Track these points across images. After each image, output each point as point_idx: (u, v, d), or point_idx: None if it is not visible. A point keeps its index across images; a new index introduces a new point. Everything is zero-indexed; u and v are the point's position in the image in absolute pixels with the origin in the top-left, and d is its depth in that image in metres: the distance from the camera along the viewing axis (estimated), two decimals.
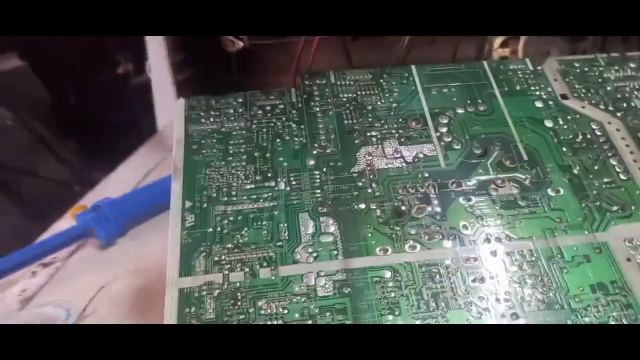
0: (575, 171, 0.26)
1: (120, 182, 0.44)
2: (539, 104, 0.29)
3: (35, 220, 0.42)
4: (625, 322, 0.22)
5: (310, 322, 0.22)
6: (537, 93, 0.29)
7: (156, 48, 0.45)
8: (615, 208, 0.25)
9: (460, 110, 0.28)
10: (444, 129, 0.28)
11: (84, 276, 0.35)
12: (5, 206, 0.68)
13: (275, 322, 0.22)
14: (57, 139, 0.69)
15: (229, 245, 0.24)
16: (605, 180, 0.26)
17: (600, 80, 0.30)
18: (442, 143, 0.27)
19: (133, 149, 0.49)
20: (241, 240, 0.24)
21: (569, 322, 0.22)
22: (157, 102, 0.50)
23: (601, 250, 0.23)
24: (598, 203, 0.25)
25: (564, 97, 0.29)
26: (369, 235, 0.24)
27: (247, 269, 0.23)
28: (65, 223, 0.39)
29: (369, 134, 0.28)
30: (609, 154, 0.27)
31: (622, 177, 0.26)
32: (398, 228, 0.24)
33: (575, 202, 0.25)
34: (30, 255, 0.35)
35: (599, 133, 0.27)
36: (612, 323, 0.21)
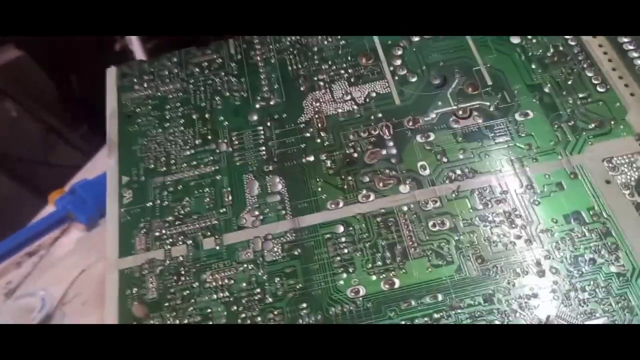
0: (546, 89, 0.23)
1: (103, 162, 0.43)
2: None
3: None
4: (604, 252, 0.19)
5: (258, 289, 0.20)
6: None
7: None
8: (592, 126, 0.22)
9: (415, 38, 0.25)
10: (398, 62, 0.25)
11: (68, 261, 0.35)
12: (24, 198, 0.68)
13: (221, 294, 0.20)
14: (65, 126, 0.68)
15: (170, 218, 0.22)
16: (580, 95, 0.23)
17: None
18: (397, 78, 0.24)
19: None
20: (182, 212, 0.22)
21: (542, 259, 0.19)
22: None
23: (576, 174, 0.21)
24: (572, 122, 0.22)
25: None
26: (319, 189, 0.22)
27: (190, 242, 0.22)
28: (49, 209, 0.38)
29: (315, 78, 0.25)
30: (584, 65, 0.23)
31: (599, 89, 0.23)
32: (350, 177, 0.22)
33: (546, 124, 0.22)
34: (11, 245, 0.35)
35: (572, 43, 0.24)
36: (589, 257, 0.19)
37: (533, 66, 0.24)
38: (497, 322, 0.18)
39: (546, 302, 0.19)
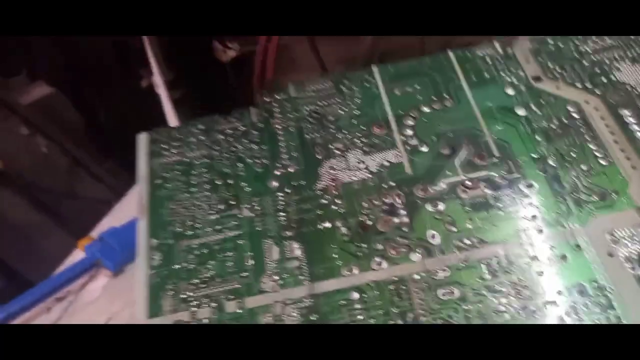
0: (550, 162, 0.24)
1: (131, 207, 0.45)
2: (509, 91, 0.27)
3: (78, 238, 0.43)
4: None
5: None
6: (508, 79, 0.27)
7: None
8: (595, 198, 0.23)
9: (425, 109, 0.27)
10: (410, 132, 0.26)
11: (94, 307, 0.36)
12: (48, 228, 0.70)
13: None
14: (92, 159, 0.71)
15: (195, 281, 0.24)
16: (583, 168, 0.24)
17: (576, 54, 0.28)
18: (408, 147, 0.26)
19: None
20: (207, 275, 0.24)
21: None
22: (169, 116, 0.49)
23: (580, 247, 0.22)
24: (576, 195, 0.23)
25: (536, 79, 0.27)
26: (335, 255, 0.23)
27: (214, 304, 0.23)
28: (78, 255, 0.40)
29: (331, 146, 0.27)
30: (587, 138, 0.25)
31: (601, 162, 0.24)
32: (364, 245, 0.24)
33: (550, 196, 0.23)
34: (42, 292, 0.36)
35: (575, 116, 0.26)
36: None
37: (538, 138, 0.25)
38: None
39: None
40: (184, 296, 0.23)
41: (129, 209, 0.44)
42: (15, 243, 0.70)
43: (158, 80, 0.45)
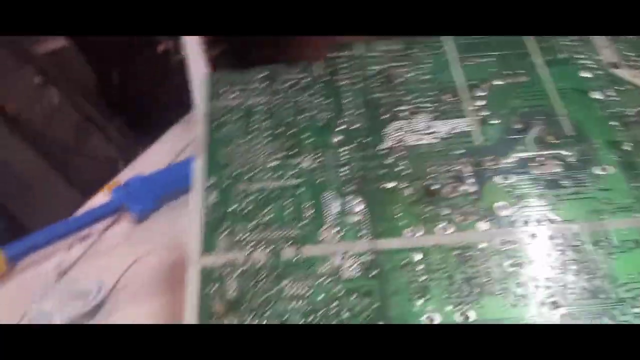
0: (625, 148, 0.24)
1: (155, 159, 0.44)
2: (585, 74, 0.26)
3: (83, 197, 0.42)
4: None
5: (335, 303, 0.21)
6: (584, 62, 0.27)
7: None
8: None
9: (498, 82, 0.26)
10: (481, 103, 0.26)
11: (118, 250, 0.36)
12: (53, 180, 0.70)
13: (299, 303, 0.21)
14: (104, 117, 0.70)
15: (252, 224, 0.23)
16: None
17: None
18: (478, 118, 0.25)
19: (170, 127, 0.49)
20: (264, 220, 0.23)
21: (616, 313, 0.20)
22: (193, 80, 0.49)
23: None
24: None
25: (613, 65, 0.27)
26: (398, 215, 0.23)
27: (270, 249, 0.22)
28: (102, 198, 0.39)
29: (398, 108, 0.26)
30: None
31: None
32: (429, 208, 0.23)
33: (623, 181, 0.23)
34: (66, 228, 0.36)
35: None
36: None
37: (614, 123, 0.25)
38: None
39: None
40: (239, 238, 0.23)
41: (155, 162, 0.44)
42: (19, 191, 0.69)
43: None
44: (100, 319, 0.31)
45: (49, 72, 0.65)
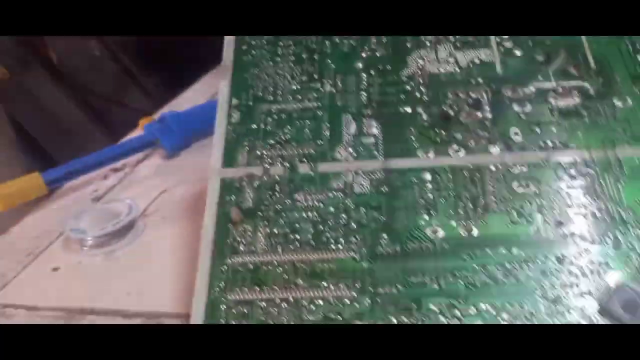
0: None
1: (188, 102, 0.46)
2: None
3: None
4: None
5: (344, 215, 0.22)
6: None
7: None
8: None
9: None
10: (505, 35, 0.26)
11: (150, 181, 0.38)
12: (90, 127, 0.73)
13: (310, 214, 0.22)
14: (141, 71, 0.72)
15: (271, 142, 0.24)
16: None
17: None
18: (502, 49, 0.25)
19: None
20: (283, 138, 0.24)
21: (618, 234, 0.20)
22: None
23: None
24: None
25: None
26: (412, 138, 0.23)
27: (287, 164, 0.24)
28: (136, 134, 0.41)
29: (422, 37, 0.26)
30: None
31: None
32: (444, 132, 0.23)
33: None
34: (102, 157, 0.38)
35: None
36: None
37: (639, 58, 0.24)
38: (565, 281, 0.19)
39: (618, 272, 0.19)
40: (259, 153, 0.24)
41: (190, 101, 0.46)
42: (58, 136, 0.72)
43: None
44: (130, 239, 0.33)
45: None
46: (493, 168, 0.22)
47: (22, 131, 0.72)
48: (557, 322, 0.19)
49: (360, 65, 0.26)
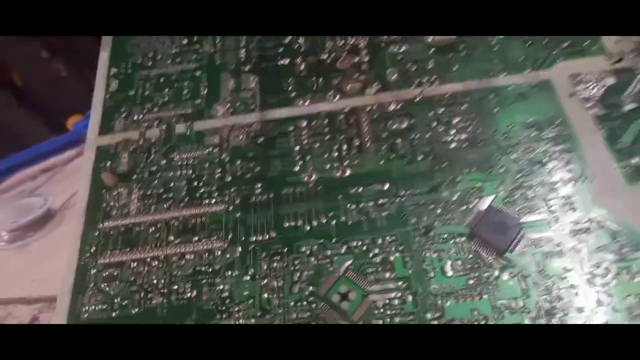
0: None
1: None
2: None
3: None
4: (555, 157, 0.19)
5: (219, 169, 0.21)
6: None
7: None
8: (565, 44, 0.22)
9: None
10: None
11: (78, 177, 0.37)
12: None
13: (185, 172, 0.21)
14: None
15: (148, 106, 0.24)
16: None
17: None
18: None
19: None
20: (161, 101, 0.24)
21: (493, 158, 0.20)
22: None
23: (541, 87, 0.21)
24: (545, 41, 0.22)
25: None
26: (289, 88, 0.23)
27: (164, 126, 0.23)
28: None
29: None
30: None
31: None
32: (321, 79, 0.23)
33: (519, 41, 0.22)
34: (26, 157, 0.37)
35: None
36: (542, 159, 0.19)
37: None
38: (438, 211, 0.19)
39: (490, 197, 0.19)
40: (136, 118, 0.23)
41: None
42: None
43: None
44: (45, 232, 0.32)
45: (55, 45, 0.65)
46: (368, 109, 0.22)
47: None
48: (427, 252, 0.18)
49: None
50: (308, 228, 0.19)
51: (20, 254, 0.29)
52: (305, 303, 0.18)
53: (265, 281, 0.18)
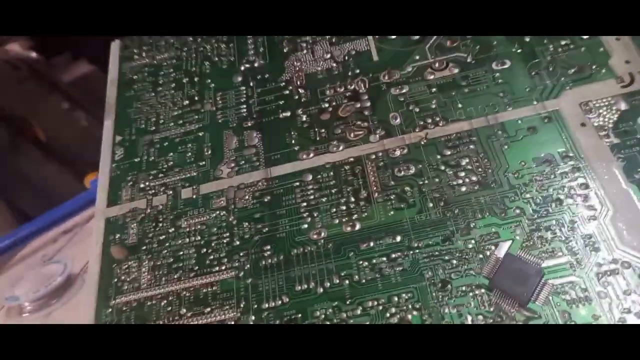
0: (526, 39, 0.22)
1: None
2: None
3: None
4: (571, 193, 0.18)
5: (227, 233, 0.21)
6: None
7: None
8: (571, 71, 0.21)
9: None
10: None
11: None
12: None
13: (193, 238, 0.21)
14: None
15: (154, 172, 0.23)
16: (562, 42, 0.22)
17: None
18: (377, 36, 0.25)
19: None
20: (166, 165, 0.24)
21: (507, 200, 0.19)
22: None
23: (551, 118, 0.20)
24: (551, 68, 0.21)
25: None
26: (292, 142, 0.23)
27: (170, 192, 0.23)
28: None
29: (298, 40, 0.26)
30: None
31: (583, 36, 0.22)
32: (323, 130, 0.23)
33: (523, 72, 0.22)
34: (46, 221, 0.37)
35: None
36: (559, 197, 0.18)
37: None
38: (454, 262, 0.18)
39: (507, 243, 0.18)
40: (142, 186, 0.23)
41: None
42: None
43: None
44: (68, 297, 0.32)
45: (75, 96, 0.67)
46: (373, 157, 0.21)
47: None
48: (445, 307, 0.17)
49: (239, 78, 0.25)
50: (321, 290, 0.19)
51: (45, 322, 0.29)
52: None
53: None
